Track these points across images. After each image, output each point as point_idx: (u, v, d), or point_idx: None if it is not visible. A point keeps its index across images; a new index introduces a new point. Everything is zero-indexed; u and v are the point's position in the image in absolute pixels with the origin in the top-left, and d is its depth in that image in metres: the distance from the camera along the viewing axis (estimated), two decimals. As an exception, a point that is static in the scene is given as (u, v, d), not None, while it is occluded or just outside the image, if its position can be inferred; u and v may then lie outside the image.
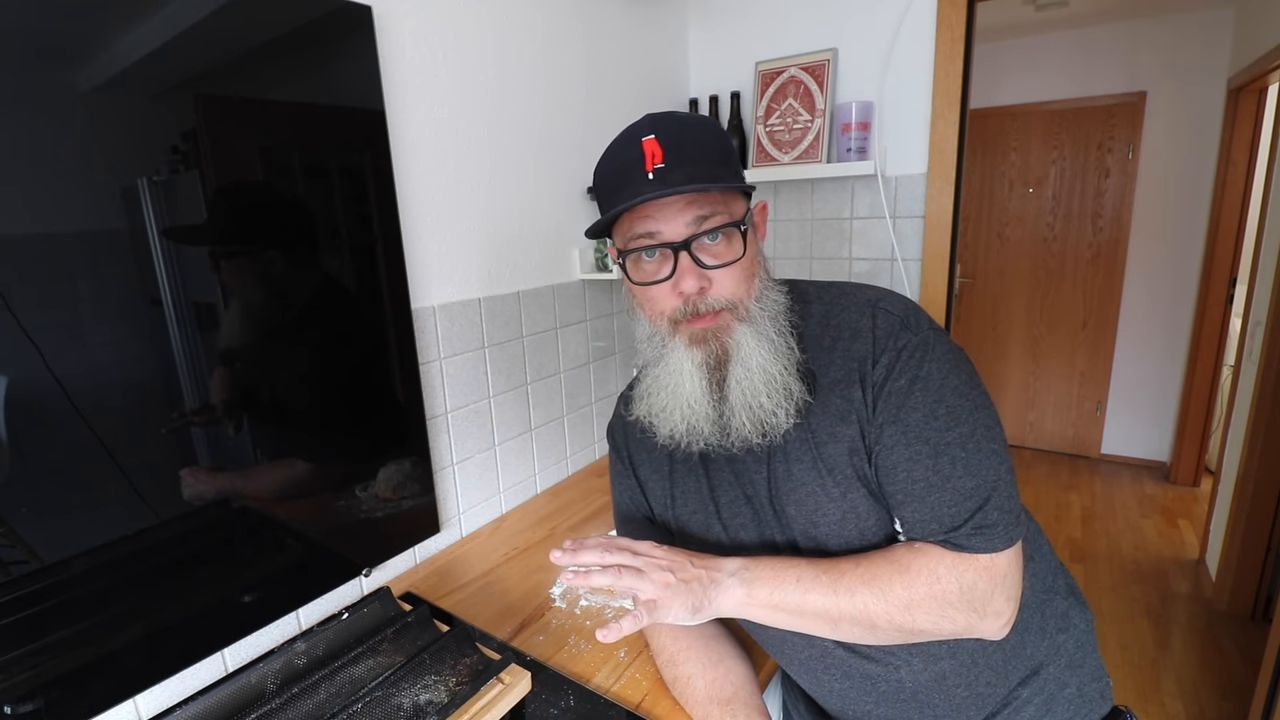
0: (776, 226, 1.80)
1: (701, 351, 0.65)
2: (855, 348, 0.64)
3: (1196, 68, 3.00)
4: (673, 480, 0.77)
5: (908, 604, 0.60)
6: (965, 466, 0.59)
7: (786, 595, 0.62)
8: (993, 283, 3.70)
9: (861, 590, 0.61)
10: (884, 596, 0.60)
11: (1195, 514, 2.94)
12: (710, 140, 0.65)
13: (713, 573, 0.63)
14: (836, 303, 0.68)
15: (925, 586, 0.59)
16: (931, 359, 0.61)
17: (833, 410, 0.64)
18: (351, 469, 1.00)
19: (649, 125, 0.62)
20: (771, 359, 0.64)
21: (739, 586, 0.63)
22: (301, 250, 0.89)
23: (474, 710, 0.73)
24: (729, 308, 0.64)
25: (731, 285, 0.64)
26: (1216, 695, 1.90)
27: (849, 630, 0.62)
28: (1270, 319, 1.94)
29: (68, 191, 0.67)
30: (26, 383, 0.65)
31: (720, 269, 0.63)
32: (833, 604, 0.61)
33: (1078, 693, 0.70)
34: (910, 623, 0.60)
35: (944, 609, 0.59)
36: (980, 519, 0.59)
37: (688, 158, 0.61)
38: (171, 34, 0.73)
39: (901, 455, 0.61)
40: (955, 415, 0.60)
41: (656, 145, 0.61)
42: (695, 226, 0.62)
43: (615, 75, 1.55)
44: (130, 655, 0.75)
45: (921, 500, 0.60)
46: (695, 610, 0.61)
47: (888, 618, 0.60)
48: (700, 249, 0.63)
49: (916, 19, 1.48)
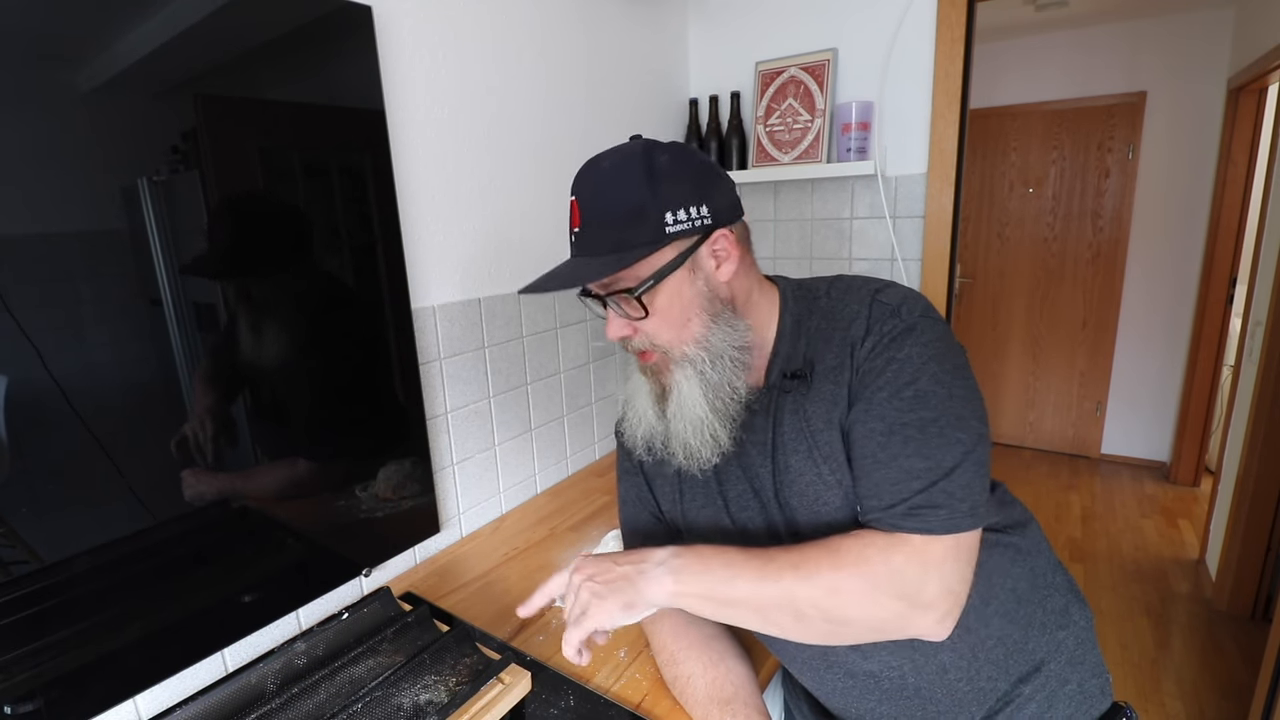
0: (776, 226, 1.80)
1: (649, 380, 0.71)
2: (849, 335, 0.65)
3: (1196, 68, 3.00)
4: (681, 478, 0.78)
5: (834, 587, 0.58)
6: (918, 447, 0.58)
7: (714, 584, 0.61)
8: (993, 283, 3.70)
9: (788, 574, 0.59)
10: (810, 580, 0.58)
11: (1195, 514, 2.94)
12: (623, 197, 0.63)
13: (639, 565, 0.64)
14: (842, 297, 0.69)
15: (852, 568, 0.58)
16: (913, 343, 0.61)
17: (825, 397, 0.65)
18: (352, 469, 1.00)
19: (578, 179, 0.66)
20: (702, 401, 0.66)
21: (667, 576, 0.62)
22: (304, 253, 0.89)
23: (474, 710, 0.73)
24: (662, 351, 0.67)
25: (655, 333, 0.66)
26: (1216, 695, 1.90)
27: (777, 619, 0.61)
28: (1270, 319, 1.94)
29: (68, 191, 0.67)
30: (26, 383, 0.65)
31: (642, 320, 0.66)
32: (759, 591, 0.60)
33: (1079, 689, 0.70)
34: (838, 609, 0.58)
35: (871, 594, 0.57)
36: (922, 499, 0.57)
37: (594, 224, 0.64)
38: (171, 34, 0.73)
39: (859, 431, 0.61)
40: (923, 399, 0.59)
41: (576, 207, 0.65)
42: (606, 288, 0.66)
43: (615, 75, 1.55)
44: (130, 655, 0.75)
45: (868, 477, 0.61)
46: (627, 607, 0.62)
47: (813, 603, 0.58)
48: (621, 300, 0.66)
49: (916, 19, 1.48)
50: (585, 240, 0.65)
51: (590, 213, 0.64)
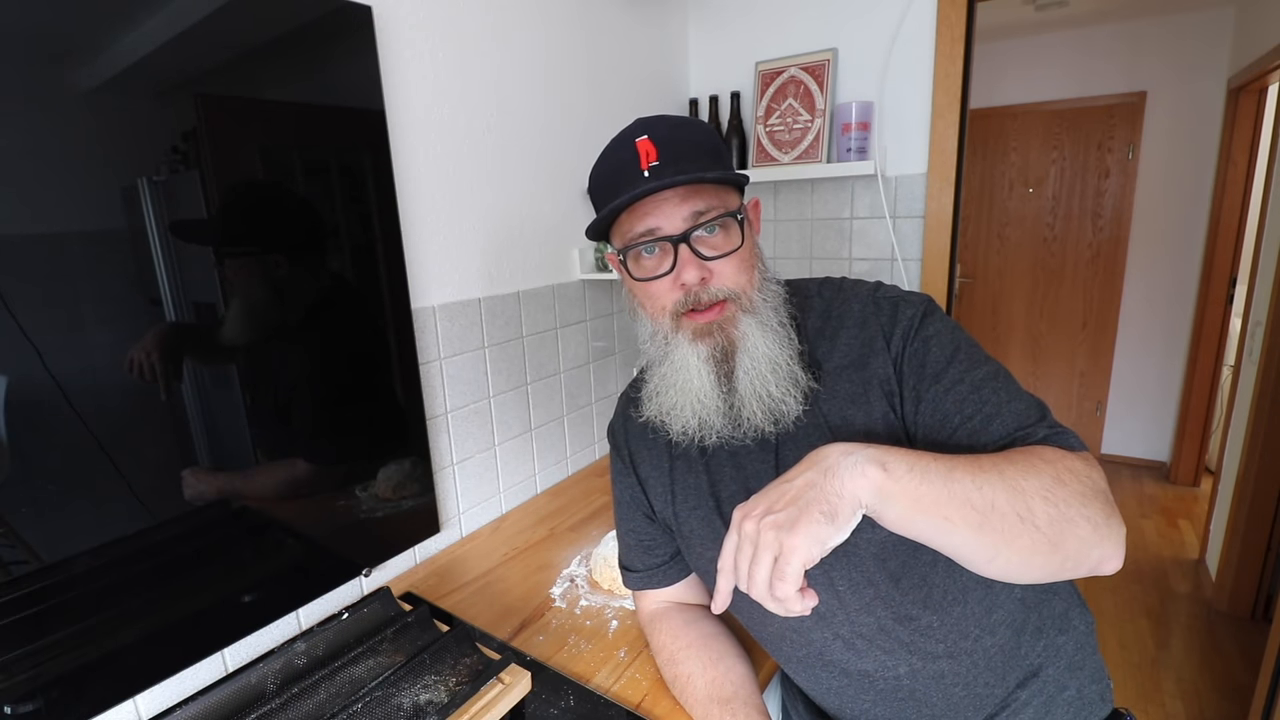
0: (777, 226, 1.80)
1: (707, 345, 0.66)
2: (863, 334, 0.67)
3: (1196, 68, 3.00)
4: (673, 477, 0.78)
5: (1056, 478, 0.52)
6: (1007, 393, 0.61)
7: (928, 475, 0.50)
8: (993, 283, 3.70)
9: (1005, 466, 0.52)
10: (1033, 472, 0.52)
11: (1195, 514, 2.94)
12: (701, 138, 0.66)
13: (820, 465, 0.52)
14: (836, 297, 0.71)
15: (1061, 461, 0.54)
16: (932, 321, 0.66)
17: (842, 394, 0.66)
18: (351, 469, 1.00)
19: (641, 127, 0.65)
20: (777, 348, 0.66)
21: (870, 465, 0.50)
22: (305, 250, 0.89)
23: (474, 710, 0.73)
24: (731, 298, 0.66)
25: (732, 275, 0.65)
26: (1216, 695, 1.90)
27: (997, 527, 0.50)
28: (1270, 319, 1.94)
29: (68, 191, 0.67)
30: (26, 383, 0.65)
31: (720, 259, 0.65)
32: (982, 482, 0.51)
33: (1077, 695, 0.69)
34: (1058, 512, 0.51)
35: (1084, 492, 0.53)
36: (1046, 428, 0.59)
37: (681, 155, 0.63)
38: (171, 34, 0.73)
39: (948, 402, 0.62)
40: (974, 359, 0.63)
41: (650, 144, 0.63)
42: (692, 220, 0.63)
43: (615, 75, 1.55)
44: (130, 655, 0.75)
45: (986, 431, 0.60)
46: (830, 517, 0.49)
47: (1043, 494, 0.51)
48: (699, 241, 0.64)
49: (916, 19, 1.48)
50: (667, 172, 0.62)
51: (672, 147, 0.63)
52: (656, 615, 0.84)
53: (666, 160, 0.62)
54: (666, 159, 0.62)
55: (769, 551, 0.49)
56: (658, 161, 0.62)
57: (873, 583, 0.65)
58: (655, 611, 0.85)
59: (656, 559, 0.83)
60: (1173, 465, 3.30)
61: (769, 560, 0.49)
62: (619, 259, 0.69)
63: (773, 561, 0.49)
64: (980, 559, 0.53)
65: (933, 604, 0.65)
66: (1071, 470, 0.54)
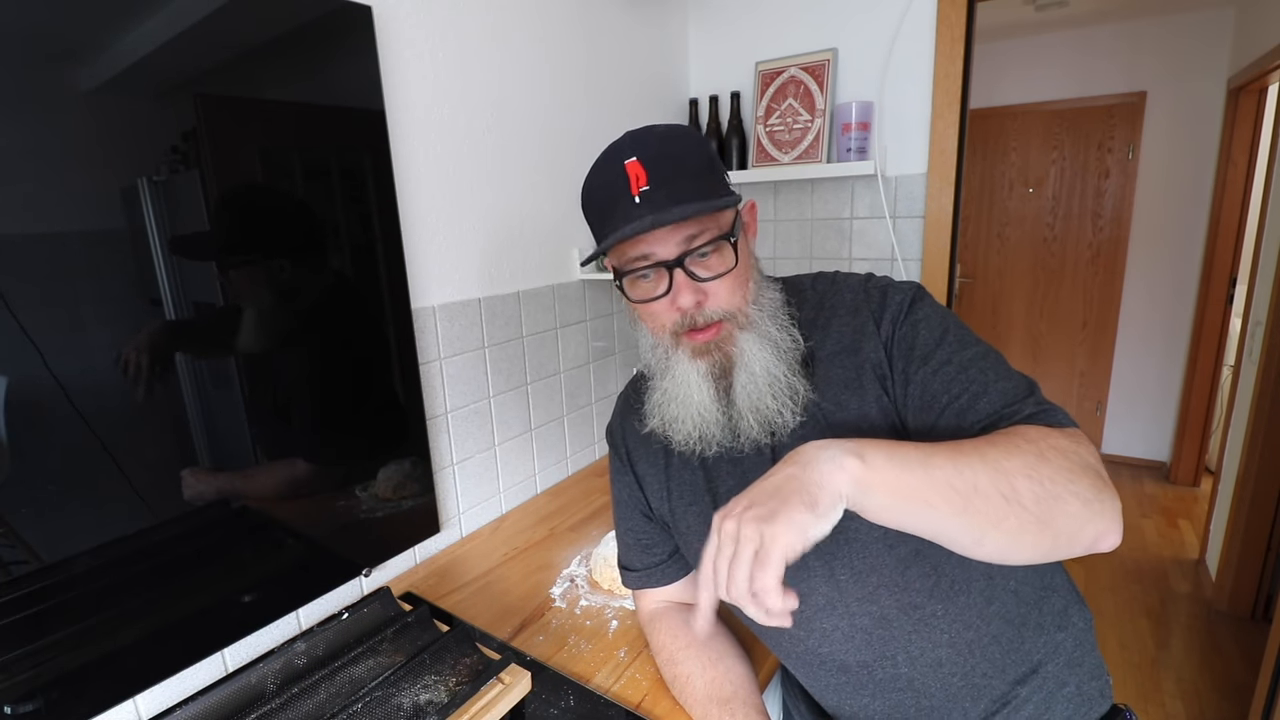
0: (776, 226, 1.80)
1: (706, 362, 0.67)
2: (854, 320, 0.68)
3: (1196, 68, 3.00)
4: (669, 475, 0.79)
5: (1039, 455, 0.52)
6: (995, 373, 0.62)
7: (908, 465, 0.51)
8: (993, 282, 3.70)
9: (987, 450, 0.52)
10: (1015, 452, 0.52)
11: (1195, 514, 2.94)
12: (689, 153, 0.65)
13: (799, 461, 0.52)
14: (829, 289, 0.73)
15: (1045, 439, 0.54)
16: (921, 306, 0.67)
17: (836, 380, 0.67)
18: (352, 469, 1.00)
19: (630, 146, 0.64)
20: (774, 360, 0.66)
21: (848, 457, 0.51)
22: (307, 252, 0.89)
23: (474, 710, 0.73)
24: (727, 318, 0.66)
25: (727, 296, 0.66)
26: (1216, 695, 1.90)
27: (981, 509, 0.50)
28: (1270, 319, 1.94)
29: (68, 191, 0.67)
30: (27, 383, 0.65)
31: (714, 280, 0.65)
32: (962, 467, 0.51)
33: (1077, 691, 0.69)
34: (1044, 489, 0.51)
35: (1071, 468, 0.52)
36: (1033, 406, 0.59)
37: (670, 177, 0.62)
38: (171, 34, 0.73)
39: (936, 382, 0.62)
40: (963, 340, 0.64)
41: (639, 167, 0.62)
42: (685, 245, 0.64)
43: (615, 75, 1.55)
44: (130, 655, 0.75)
45: (973, 410, 0.60)
46: (810, 506, 0.48)
47: (1026, 472, 0.51)
48: (693, 264, 0.65)
49: (916, 19, 1.48)
50: (657, 196, 0.61)
51: (662, 169, 0.62)
52: (656, 615, 0.84)
53: (656, 184, 0.62)
54: (656, 182, 0.62)
55: (750, 545, 0.48)
56: (648, 186, 0.62)
57: (877, 569, 0.65)
58: (655, 611, 0.85)
59: (655, 558, 0.84)
60: (1173, 465, 3.30)
61: (749, 554, 0.48)
62: (616, 283, 0.70)
63: (753, 555, 0.48)
64: (968, 541, 0.53)
65: (940, 593, 0.65)
66: (1056, 447, 0.54)
